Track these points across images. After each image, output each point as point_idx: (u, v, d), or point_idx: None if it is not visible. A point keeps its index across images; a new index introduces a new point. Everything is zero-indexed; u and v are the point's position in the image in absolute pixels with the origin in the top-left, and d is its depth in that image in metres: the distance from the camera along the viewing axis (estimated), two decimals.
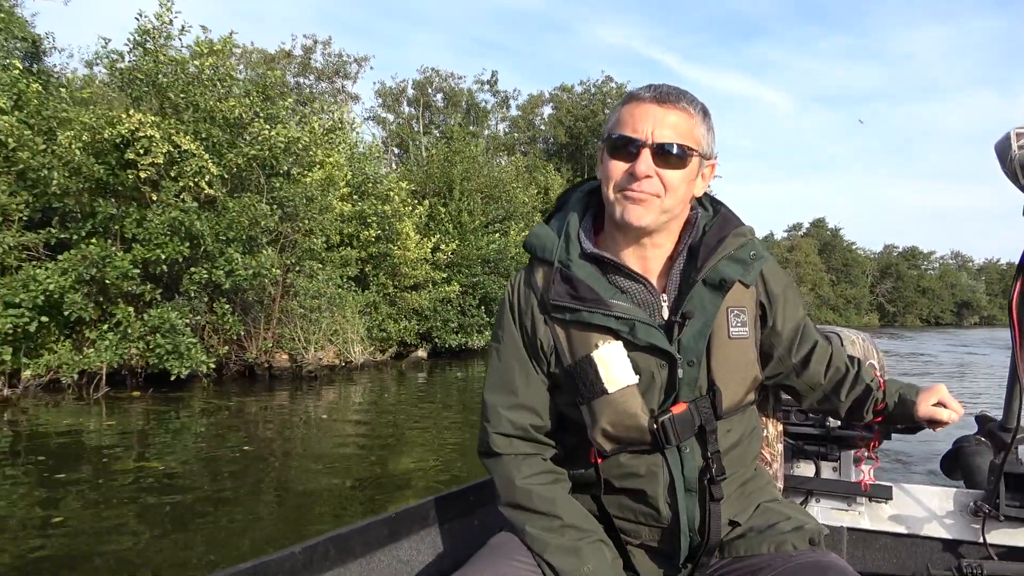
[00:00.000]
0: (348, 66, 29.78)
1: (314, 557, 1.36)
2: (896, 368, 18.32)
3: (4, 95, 10.16)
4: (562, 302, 1.33)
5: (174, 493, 5.83)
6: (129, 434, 8.23)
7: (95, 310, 10.63)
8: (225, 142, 11.52)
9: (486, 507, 1.79)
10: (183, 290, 11.11)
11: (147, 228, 10.50)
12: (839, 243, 76.63)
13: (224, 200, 11.29)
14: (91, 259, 10.02)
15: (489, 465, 1.42)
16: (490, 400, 1.42)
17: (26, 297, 9.90)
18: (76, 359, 10.55)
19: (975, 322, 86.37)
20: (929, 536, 1.91)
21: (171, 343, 10.41)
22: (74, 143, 9.87)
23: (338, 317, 13.75)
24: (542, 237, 1.42)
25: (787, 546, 1.31)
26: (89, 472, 6.51)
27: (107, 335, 10.68)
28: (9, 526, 4.93)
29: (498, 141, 34.76)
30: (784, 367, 1.49)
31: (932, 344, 34.46)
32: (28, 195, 10.44)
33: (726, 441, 1.36)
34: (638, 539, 1.39)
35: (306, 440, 8.48)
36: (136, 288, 10.65)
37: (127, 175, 10.26)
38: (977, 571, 1.62)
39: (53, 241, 10.65)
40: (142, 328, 10.58)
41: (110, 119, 10.09)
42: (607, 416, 1.32)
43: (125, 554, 4.49)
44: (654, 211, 1.31)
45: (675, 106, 1.30)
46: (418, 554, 1.61)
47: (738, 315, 1.37)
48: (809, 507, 2.02)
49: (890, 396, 1.54)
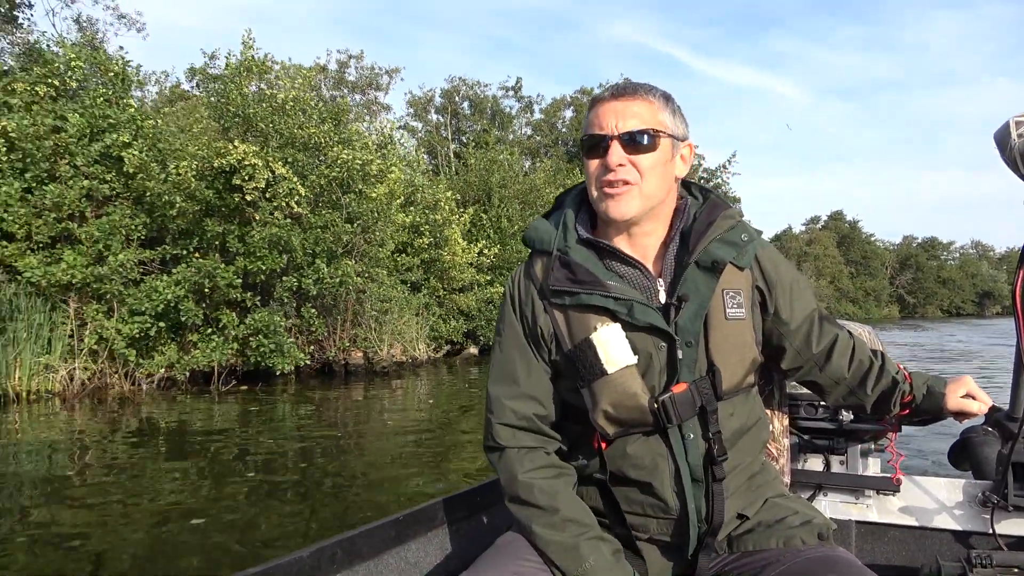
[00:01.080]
0: (380, 78, 31.50)
1: (322, 560, 1.39)
2: (926, 361, 19.25)
3: (125, 130, 11.86)
4: (561, 286, 1.38)
5: (275, 473, 6.75)
6: (235, 423, 9.50)
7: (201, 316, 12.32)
8: (308, 165, 13.16)
9: (493, 508, 1.82)
10: (276, 296, 12.78)
11: (248, 243, 12.17)
12: (857, 235, 77.44)
13: (308, 216, 12.94)
14: (204, 271, 11.69)
15: (493, 460, 1.45)
16: (493, 391, 1.46)
17: (149, 305, 11.60)
18: (186, 358, 12.24)
19: (997, 312, 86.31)
20: (938, 528, 1.92)
21: (274, 343, 12.09)
22: (188, 171, 11.55)
23: (402, 318, 15.40)
24: (540, 230, 1.48)
25: (796, 541, 1.33)
26: (203, 455, 7.55)
27: (213, 337, 12.37)
28: (139, 498, 5.81)
29: (523, 145, 36.34)
30: (804, 360, 1.51)
31: (968, 335, 34.25)
32: (146, 217, 12.14)
33: (729, 426, 1.39)
34: (647, 533, 1.41)
35: (385, 426, 9.70)
36: (238, 296, 12.33)
37: (233, 198, 11.93)
38: (987, 561, 1.62)
39: (168, 257, 12.35)
40: (245, 330, 12.26)
41: (218, 150, 11.76)
42: (608, 397, 1.35)
43: (234, 524, 5.18)
44: (635, 199, 1.37)
45: (634, 97, 1.39)
46: (426, 555, 1.63)
47: (733, 296, 1.40)
48: (817, 501, 2.04)
49: (917, 389, 1.55)
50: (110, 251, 11.62)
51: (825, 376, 1.53)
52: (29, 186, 11.42)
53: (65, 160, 11.67)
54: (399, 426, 9.59)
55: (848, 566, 1.24)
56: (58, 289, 11.42)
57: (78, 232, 11.60)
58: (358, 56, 30.76)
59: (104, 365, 11.90)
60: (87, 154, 11.66)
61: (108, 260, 11.50)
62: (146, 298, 11.59)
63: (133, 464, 7.08)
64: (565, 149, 40.32)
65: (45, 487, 6.20)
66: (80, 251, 11.52)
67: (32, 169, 11.38)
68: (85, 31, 18.24)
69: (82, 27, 19.05)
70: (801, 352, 1.50)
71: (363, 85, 30.90)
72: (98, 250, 11.63)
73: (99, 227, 11.59)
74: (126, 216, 11.86)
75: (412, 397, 12.84)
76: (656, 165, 1.37)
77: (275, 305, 12.85)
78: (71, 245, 11.68)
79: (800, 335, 1.48)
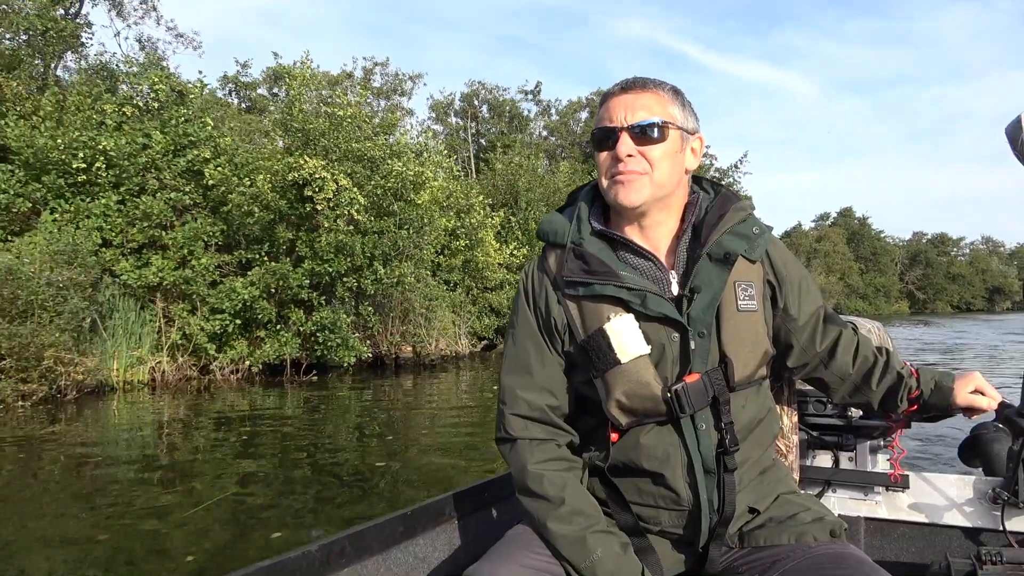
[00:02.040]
0: (404, 84, 32.93)
1: (331, 555, 1.43)
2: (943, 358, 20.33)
3: (205, 147, 13.31)
4: (575, 277, 1.41)
5: (339, 452, 7.62)
6: (302, 410, 10.67)
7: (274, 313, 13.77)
8: (364, 176, 14.59)
9: (501, 503, 1.85)
10: (339, 296, 14.22)
11: (315, 248, 13.61)
12: (867, 232, 78.53)
13: (366, 223, 14.38)
14: (279, 273, 13.14)
15: (504, 451, 1.47)
16: (507, 382, 1.48)
17: (229, 304, 13.05)
18: (258, 352, 13.68)
19: (1007, 307, 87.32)
20: (947, 524, 1.92)
21: (340, 337, 13.53)
22: (265, 184, 13.00)
23: (446, 315, 16.84)
24: (554, 223, 1.51)
25: (808, 537, 1.35)
26: (274, 437, 8.47)
27: (282, 333, 13.81)
28: (220, 476, 6.51)
29: (540, 147, 37.74)
30: (809, 357, 1.55)
31: (981, 332, 34.56)
32: (223, 224, 13.60)
33: (741, 417, 1.41)
34: (657, 525, 1.42)
35: (435, 412, 10.62)
36: (306, 295, 13.77)
37: (304, 207, 13.37)
38: (997, 558, 1.61)
39: (244, 260, 13.80)
40: (312, 326, 13.70)
41: (290, 164, 13.20)
42: (621, 387, 1.37)
43: (305, 495, 5.80)
44: (646, 187, 1.40)
45: (643, 90, 1.43)
46: (434, 550, 1.66)
47: (745, 289, 1.43)
48: (825, 498, 2.05)
49: (925, 384, 1.56)
50: (193, 255, 13.08)
51: (830, 373, 1.56)
52: (123, 198, 12.89)
53: (152, 174, 13.13)
54: (448, 412, 10.74)
55: (859, 563, 1.25)
56: (146, 290, 12.88)
57: (165, 239, 13.06)
58: (383, 63, 32.22)
59: (186, 358, 13.36)
60: (173, 169, 13.12)
61: (192, 264, 12.95)
62: (226, 298, 13.04)
63: (214, 444, 8.14)
64: (580, 150, 41.69)
65: (140, 464, 7.17)
66: (168, 256, 12.98)
67: (126, 183, 12.85)
68: (149, 52, 19.70)
69: (143, 46, 20.53)
70: (807, 349, 1.53)
71: (388, 91, 32.31)
72: (183, 255, 13.09)
73: (183, 234, 13.04)
74: (206, 224, 13.32)
75: (456, 387, 14.26)
76: (666, 156, 1.41)
77: (336, 304, 14.29)
78: (158, 251, 13.14)
79: (806, 332, 1.52)
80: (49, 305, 10.21)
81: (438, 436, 8.80)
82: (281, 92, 31.36)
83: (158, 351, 13.10)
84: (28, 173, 12.49)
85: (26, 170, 12.49)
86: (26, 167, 12.49)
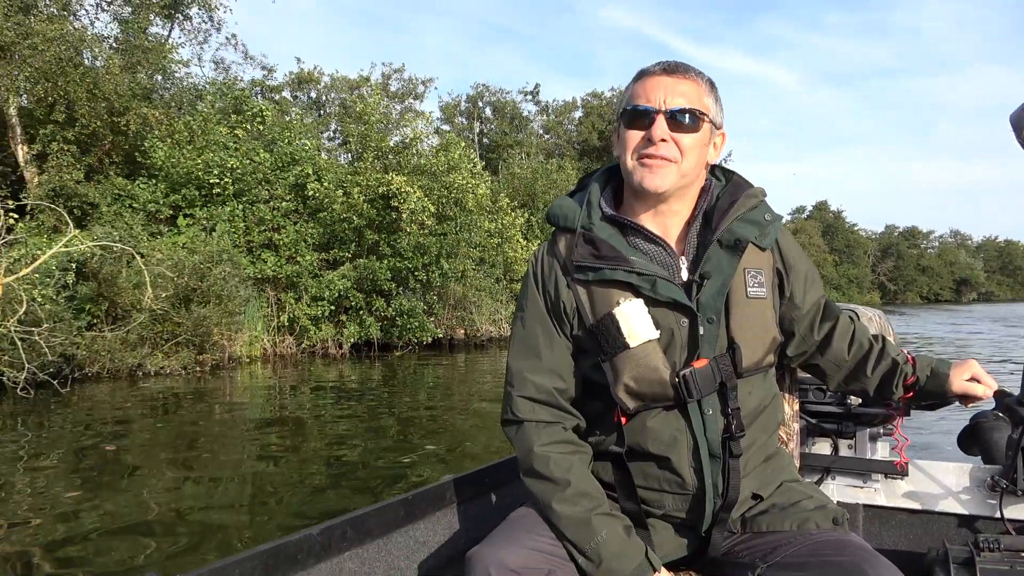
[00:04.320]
0: (417, 87, 36.22)
1: (332, 538, 1.46)
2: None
3: (308, 164, 16.67)
4: (585, 262, 1.43)
5: (414, 410, 9.70)
6: (382, 381, 13.49)
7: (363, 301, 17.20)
8: (429, 188, 18.03)
9: (502, 488, 1.91)
10: (411, 287, 17.68)
11: (396, 248, 17.05)
12: (841, 225, 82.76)
13: (432, 227, 17.82)
14: (369, 268, 16.56)
15: (510, 433, 1.49)
16: (515, 365, 1.50)
17: (328, 293, 16.44)
18: (346, 332, 17.08)
19: (973, 298, 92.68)
20: (945, 512, 1.96)
21: (417, 321, 17.02)
22: (360, 196, 16.41)
23: (490, 303, 20.40)
24: (564, 207, 1.53)
25: (810, 524, 1.39)
26: (362, 402, 10.58)
27: (365, 317, 17.23)
28: (318, 428, 8.19)
29: (539, 146, 41.25)
30: (808, 345, 1.59)
31: (938, 324, 37.47)
32: (320, 228, 16.97)
33: (748, 403, 1.44)
34: (661, 509, 1.46)
35: (484, 383, 13.15)
36: (387, 286, 17.20)
37: (390, 215, 16.80)
38: (995, 546, 1.65)
39: (336, 258, 17.20)
40: (392, 311, 17.15)
41: (379, 179, 16.60)
42: (629, 371, 1.40)
43: (386, 452, 6.93)
44: (672, 175, 1.42)
45: (684, 76, 1.44)
46: (434, 534, 1.71)
47: (755, 276, 1.46)
48: (824, 485, 2.09)
49: (921, 370, 1.59)
50: (298, 254, 16.44)
51: (826, 360, 1.60)
52: (244, 206, 16.21)
53: (265, 187, 16.46)
54: (493, 383, 13.05)
55: (860, 549, 1.27)
56: (261, 281, 16.21)
57: (276, 239, 16.40)
58: (399, 69, 35.48)
59: (291, 338, 16.74)
60: (283, 183, 16.46)
61: (299, 260, 16.33)
62: (325, 288, 16.43)
63: (315, 406, 10.33)
64: (574, 149, 45.22)
65: (261, 422, 9.09)
66: (281, 253, 16.34)
67: (247, 195, 16.17)
68: (228, 74, 22.86)
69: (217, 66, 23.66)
70: (805, 338, 1.57)
71: (403, 95, 35.57)
72: (290, 253, 16.45)
73: (289, 236, 16.40)
74: (307, 227, 16.69)
75: (499, 362, 17.62)
76: (695, 146, 1.43)
77: (408, 293, 17.75)
78: (271, 250, 16.49)
79: (807, 321, 1.56)
80: (224, 294, 13.55)
81: (484, 402, 10.82)
82: (303, 95, 34.61)
83: (268, 332, 16.47)
84: (168, 186, 15.75)
85: (167, 183, 15.74)
86: (167, 181, 15.74)
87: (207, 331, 13.49)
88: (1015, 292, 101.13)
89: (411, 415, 9.61)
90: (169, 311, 12.79)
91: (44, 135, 15.18)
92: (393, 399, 11.17)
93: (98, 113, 15.22)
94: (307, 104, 34.18)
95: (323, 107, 34.36)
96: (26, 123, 15.70)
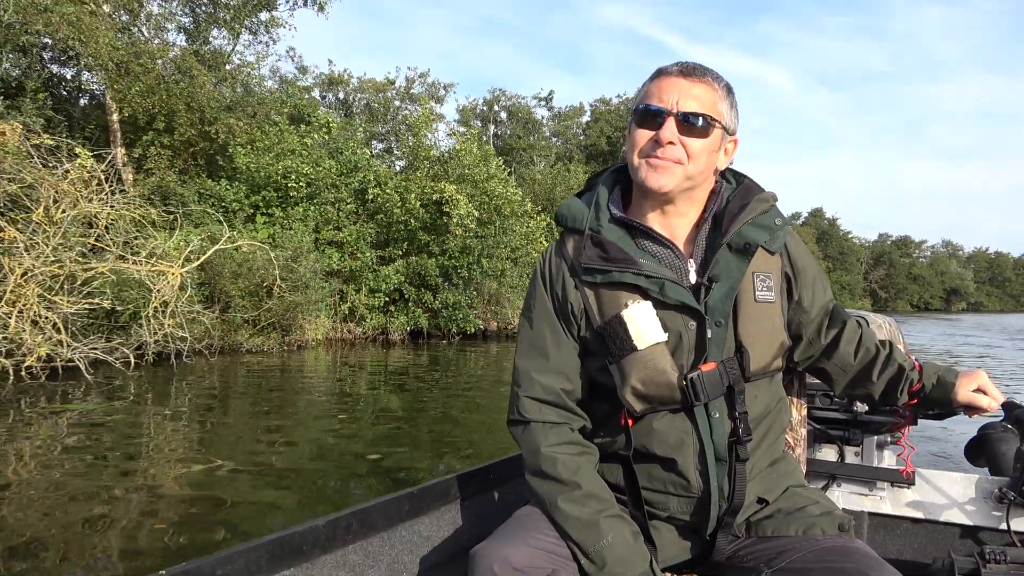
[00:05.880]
0: (439, 92, 38.69)
1: (337, 530, 1.50)
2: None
3: (370, 173, 19.17)
4: (593, 264, 1.45)
5: (456, 394, 10.99)
6: (429, 364, 15.30)
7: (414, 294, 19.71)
8: (472, 195, 20.57)
9: (507, 485, 1.94)
10: (455, 283, 20.22)
11: (444, 248, 19.59)
12: (835, 232, 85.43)
13: (475, 229, 20.36)
14: (422, 265, 19.08)
15: (517, 433, 1.52)
16: (522, 365, 1.52)
17: (385, 286, 18.95)
18: (397, 322, 19.59)
19: (962, 308, 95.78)
20: (951, 522, 1.97)
21: (462, 313, 19.58)
22: (416, 202, 18.94)
23: (521, 299, 22.99)
24: (573, 208, 1.55)
25: (816, 530, 1.39)
26: (415, 381, 12.07)
27: (414, 309, 19.75)
28: (372, 402, 9.54)
29: (550, 149, 43.90)
30: (814, 350, 1.60)
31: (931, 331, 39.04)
32: (377, 227, 19.47)
33: (754, 408, 1.47)
34: (666, 511, 1.47)
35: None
36: (434, 282, 19.73)
37: (441, 219, 19.33)
38: (1000, 557, 1.65)
39: (390, 255, 19.72)
40: (438, 304, 19.68)
41: (433, 187, 19.12)
42: (637, 373, 1.42)
43: (434, 428, 7.75)
44: (676, 177, 1.43)
45: (700, 80, 1.45)
46: (438, 529, 1.74)
47: (764, 280, 1.48)
48: (830, 491, 2.12)
49: (927, 377, 1.59)
50: (359, 250, 18.94)
51: (833, 364, 1.61)
52: (314, 208, 18.68)
53: (332, 192, 18.94)
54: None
55: (865, 557, 1.28)
56: (326, 275, 18.69)
57: (340, 237, 18.89)
58: (424, 74, 37.95)
59: (350, 325, 19.24)
60: (348, 187, 18.96)
61: (359, 256, 18.83)
62: (383, 281, 18.95)
63: (371, 384, 11.81)
64: (581, 153, 47.84)
65: (330, 396, 10.37)
66: (344, 250, 18.83)
67: (317, 197, 18.65)
68: (287, 84, 25.30)
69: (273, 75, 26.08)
70: (813, 342, 1.59)
71: (426, 99, 38.03)
72: (352, 250, 18.94)
73: (352, 234, 18.90)
74: (367, 228, 19.21)
75: None
76: (704, 151, 1.44)
77: (452, 288, 20.30)
78: (334, 246, 18.97)
79: (815, 325, 1.57)
80: (312, 284, 16.05)
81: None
82: (330, 96, 37.01)
83: (332, 319, 18.97)
84: (249, 187, 18.21)
85: (248, 185, 18.20)
86: (248, 183, 18.19)
87: (293, 317, 15.97)
88: (1003, 303, 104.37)
89: (455, 392, 11.31)
90: (264, 298, 15.27)
91: (145, 141, 17.61)
92: (442, 379, 12.85)
93: (193, 122, 17.64)
94: (335, 104, 36.60)
95: (350, 107, 36.77)
96: (126, 129, 18.09)
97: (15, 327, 9.01)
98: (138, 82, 16.41)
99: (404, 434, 7.63)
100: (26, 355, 9.34)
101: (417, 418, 8.67)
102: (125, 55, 16.24)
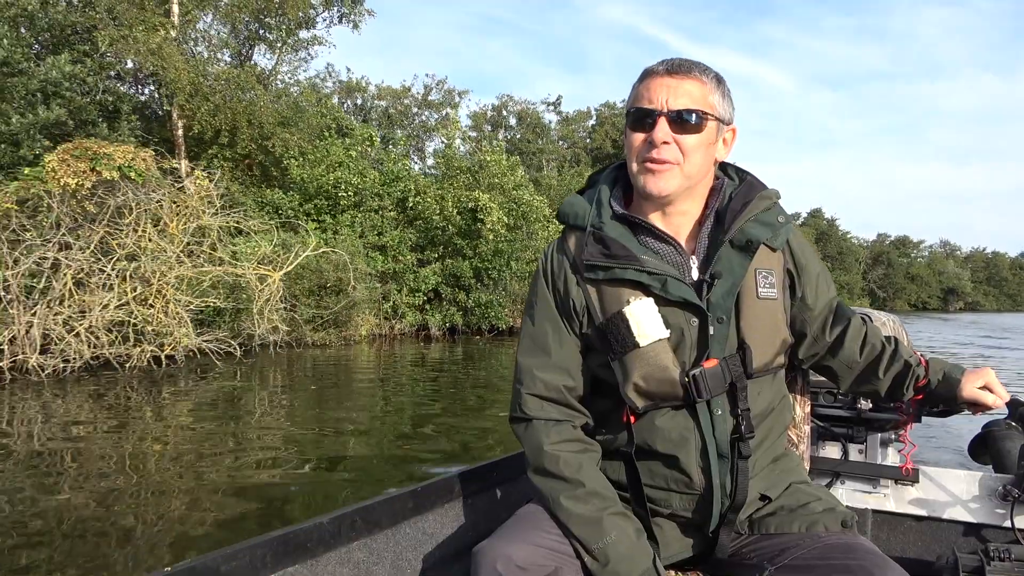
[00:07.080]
0: (454, 98, 40.78)
1: (342, 527, 1.51)
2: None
3: (411, 182, 21.24)
4: (595, 261, 1.47)
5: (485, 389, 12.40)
6: (462, 357, 17.54)
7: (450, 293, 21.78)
8: (502, 202, 22.64)
9: (511, 482, 1.96)
10: (486, 283, 22.29)
11: (477, 251, 21.66)
12: (835, 232, 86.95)
13: (505, 234, 22.43)
14: (457, 267, 21.16)
15: (519, 431, 1.54)
16: (524, 362, 1.55)
17: (424, 287, 21.01)
18: (435, 319, 21.64)
19: (960, 307, 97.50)
20: (955, 520, 1.99)
21: (493, 311, 21.67)
22: (454, 209, 21.02)
23: None
24: (575, 205, 1.57)
25: (818, 527, 1.41)
26: (446, 372, 13.89)
27: (450, 307, 21.81)
28: (411, 391, 10.84)
29: (558, 153, 46.03)
30: (819, 347, 1.62)
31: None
32: (416, 232, 21.54)
33: (757, 405, 1.48)
34: (668, 509, 1.49)
35: None
36: (468, 282, 21.79)
37: (477, 226, 21.41)
38: (1004, 555, 1.67)
39: (428, 258, 21.78)
40: (471, 302, 21.75)
41: (469, 195, 21.20)
42: (639, 370, 1.44)
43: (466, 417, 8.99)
44: (675, 178, 1.45)
45: (688, 75, 1.45)
46: (442, 527, 1.76)
47: (766, 276, 1.49)
48: (834, 489, 2.13)
49: (933, 373, 1.61)
50: (400, 253, 20.99)
51: (838, 362, 1.63)
52: (361, 214, 20.73)
53: (375, 201, 20.99)
54: None
55: (869, 553, 1.30)
56: (370, 276, 20.72)
57: (383, 241, 20.94)
58: (441, 81, 40.07)
59: (392, 322, 21.29)
60: (391, 197, 21.02)
61: (400, 259, 20.89)
62: (422, 282, 21.02)
63: (412, 374, 13.49)
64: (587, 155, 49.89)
65: (375, 384, 12.19)
66: (387, 253, 20.90)
67: (363, 205, 20.70)
68: (323, 100, 27.35)
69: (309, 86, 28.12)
70: (817, 339, 1.61)
71: (441, 105, 40.09)
72: (394, 253, 21.00)
73: (395, 239, 20.96)
74: (407, 232, 21.28)
75: None
76: (699, 146, 1.45)
77: (483, 288, 22.38)
78: (378, 250, 21.02)
79: (819, 322, 1.59)
80: (369, 284, 18.11)
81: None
82: (348, 102, 39.02)
83: (376, 317, 21.02)
84: (301, 196, 20.24)
85: (301, 195, 20.23)
86: (301, 193, 20.22)
87: (349, 314, 18.03)
88: (1000, 303, 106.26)
89: (486, 380, 13.28)
90: (326, 297, 17.32)
91: (209, 154, 19.63)
92: (474, 372, 14.76)
93: (253, 137, 19.68)
94: (352, 110, 38.62)
95: (367, 113, 38.78)
96: (190, 143, 20.11)
97: (162, 320, 11.06)
98: (207, 102, 18.42)
99: (453, 414, 9.17)
100: (165, 345, 11.41)
101: (460, 401, 10.32)
102: (195, 78, 18.25)
